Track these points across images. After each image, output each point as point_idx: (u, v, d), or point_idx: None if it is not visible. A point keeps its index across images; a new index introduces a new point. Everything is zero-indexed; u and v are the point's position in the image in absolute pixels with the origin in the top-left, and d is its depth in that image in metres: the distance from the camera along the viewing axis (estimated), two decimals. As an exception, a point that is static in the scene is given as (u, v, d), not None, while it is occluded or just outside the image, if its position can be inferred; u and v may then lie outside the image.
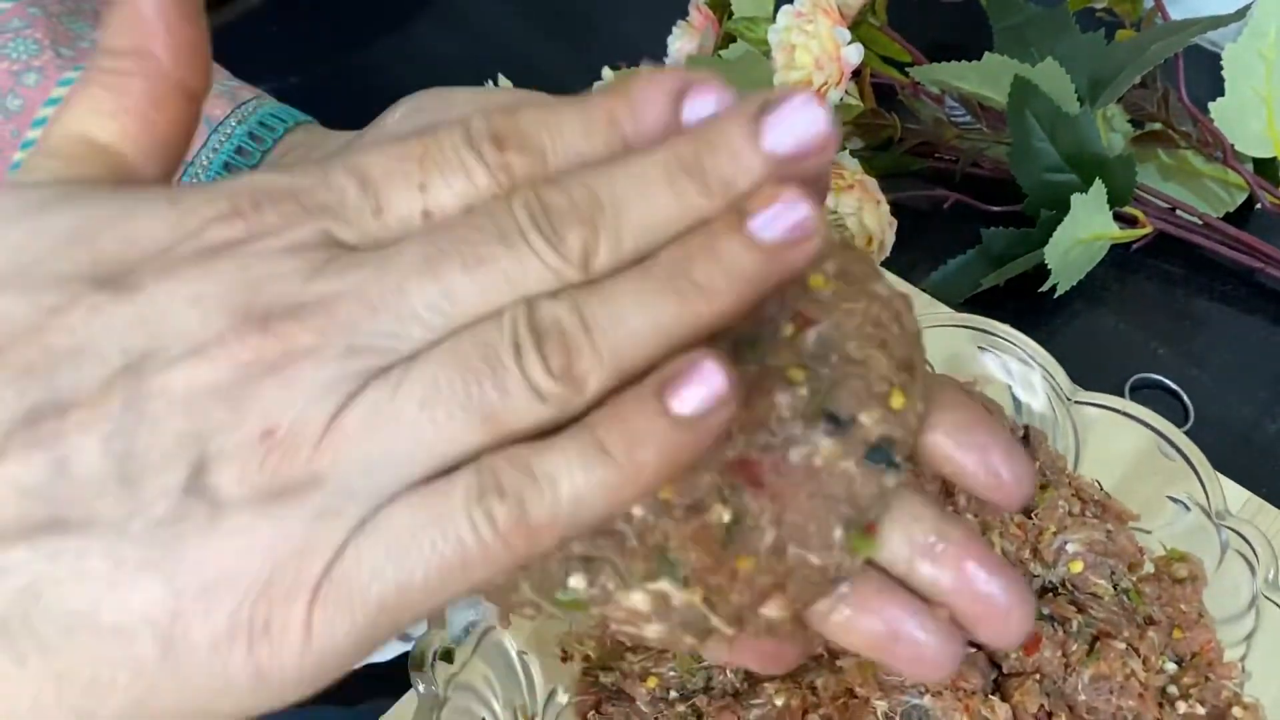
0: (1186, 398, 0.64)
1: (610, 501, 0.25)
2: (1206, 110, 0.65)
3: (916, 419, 0.31)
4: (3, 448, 0.23)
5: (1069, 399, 0.49)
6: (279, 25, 0.87)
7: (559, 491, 0.24)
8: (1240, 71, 0.64)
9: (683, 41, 0.77)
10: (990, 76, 0.68)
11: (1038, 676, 0.43)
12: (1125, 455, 0.49)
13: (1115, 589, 0.46)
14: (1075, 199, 0.63)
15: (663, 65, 0.77)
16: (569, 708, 0.47)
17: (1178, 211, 0.68)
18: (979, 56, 0.68)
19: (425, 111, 0.38)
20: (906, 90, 0.72)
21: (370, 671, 0.53)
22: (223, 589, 0.23)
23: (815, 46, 0.66)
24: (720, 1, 0.74)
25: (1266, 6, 0.63)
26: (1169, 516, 0.47)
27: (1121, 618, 0.45)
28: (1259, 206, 0.69)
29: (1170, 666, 0.44)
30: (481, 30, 0.86)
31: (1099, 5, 0.74)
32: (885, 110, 0.71)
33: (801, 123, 0.26)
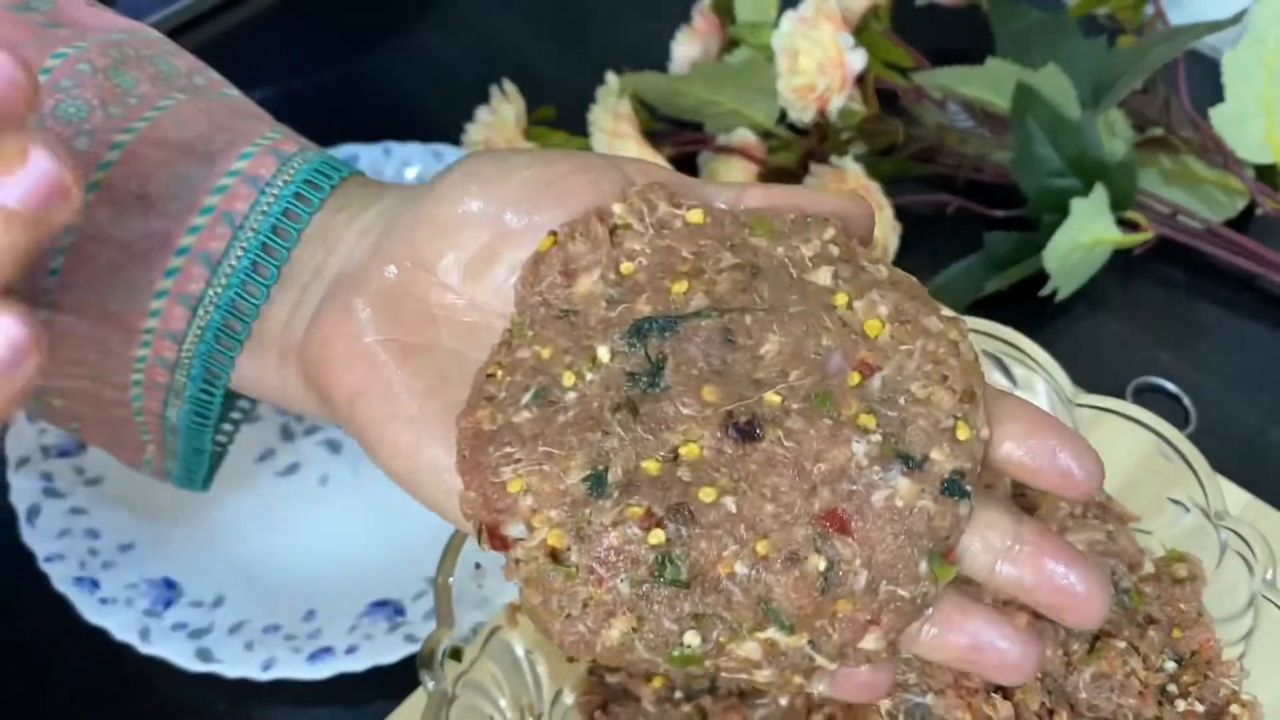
0: (1188, 402, 0.64)
1: None
2: (1207, 116, 0.65)
3: (981, 445, 0.34)
4: None
5: (1070, 401, 0.49)
6: (282, 31, 0.87)
7: None
8: (1240, 77, 0.64)
9: (686, 47, 0.77)
10: (993, 82, 0.68)
11: (1039, 675, 0.44)
12: (1128, 458, 0.49)
13: (1116, 589, 0.46)
14: (1075, 203, 0.63)
15: (665, 71, 0.77)
16: (575, 707, 0.48)
17: (1179, 217, 0.68)
18: (982, 62, 0.69)
19: (479, 176, 0.38)
20: (909, 95, 0.72)
21: (376, 673, 0.54)
22: None
23: (819, 52, 0.67)
24: (724, 7, 0.74)
25: (1266, 12, 0.63)
26: (1169, 518, 0.47)
27: (1122, 617, 0.45)
28: (1260, 212, 0.69)
29: (1170, 665, 0.44)
30: (484, 35, 0.86)
31: (1101, 11, 0.75)
32: (888, 115, 0.71)
33: None
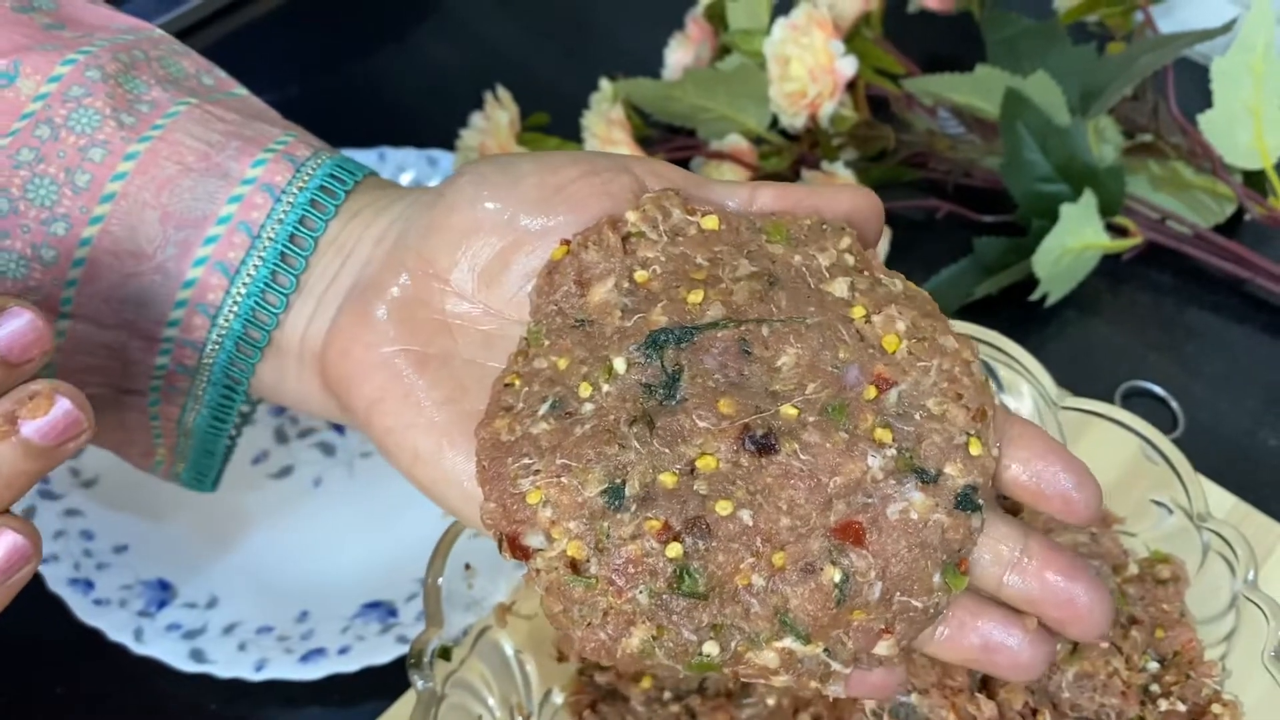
0: (1176, 406, 0.64)
1: None
2: (1196, 122, 0.66)
3: (993, 461, 0.35)
4: None
5: (1055, 404, 0.49)
6: (278, 37, 0.87)
7: None
8: (1229, 84, 0.64)
9: (679, 53, 0.78)
10: (983, 88, 0.68)
11: (1022, 675, 0.44)
12: (1112, 462, 0.49)
13: (1100, 590, 0.46)
14: (1064, 208, 0.64)
15: (659, 77, 0.78)
16: (564, 707, 0.48)
17: (1168, 222, 0.69)
18: (972, 69, 0.69)
19: (488, 182, 0.39)
20: (900, 102, 0.73)
21: (368, 674, 0.54)
22: None
23: (810, 58, 0.67)
24: (717, 14, 0.75)
25: (1254, 20, 0.64)
26: (1153, 520, 0.48)
27: (1105, 618, 0.46)
28: (1248, 217, 0.69)
29: (1153, 665, 0.45)
30: (478, 42, 0.87)
31: (1090, 19, 0.75)
32: (879, 121, 0.71)
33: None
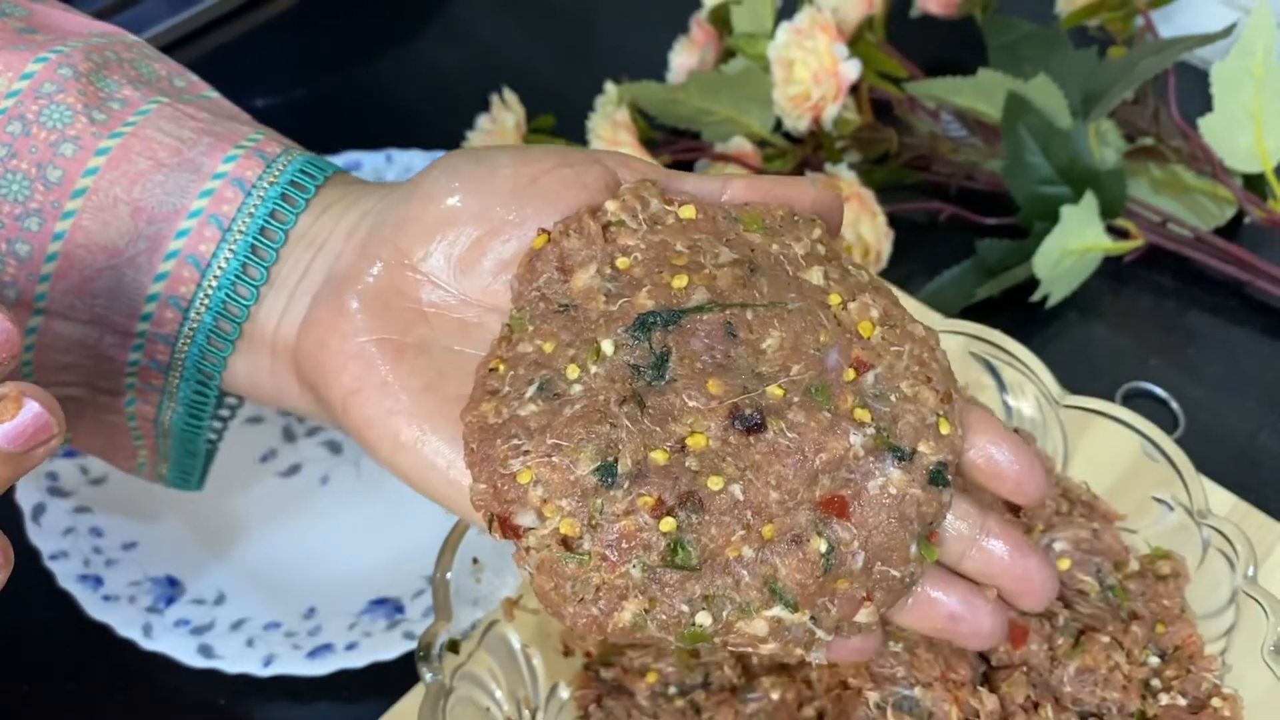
0: (1177, 407, 0.65)
1: None
2: (1196, 126, 0.66)
3: (960, 440, 0.38)
4: None
5: (1057, 403, 0.50)
6: (287, 40, 0.88)
7: None
8: (1229, 88, 0.65)
9: (683, 56, 0.78)
10: (985, 92, 0.69)
11: (1025, 668, 0.44)
12: (1114, 460, 0.50)
13: (1101, 585, 0.47)
14: (1065, 210, 0.64)
15: (664, 81, 0.78)
16: (570, 702, 0.48)
17: (1169, 225, 0.69)
18: (974, 72, 0.69)
19: (462, 174, 0.40)
20: (903, 105, 0.73)
21: (375, 670, 0.54)
22: None
23: (814, 62, 0.68)
24: (721, 17, 0.75)
25: (1254, 25, 0.64)
26: (1154, 517, 0.48)
27: (1106, 613, 0.46)
28: (1248, 220, 0.70)
29: (1153, 660, 0.45)
30: (485, 45, 0.87)
31: (1091, 23, 0.75)
32: (882, 124, 0.72)
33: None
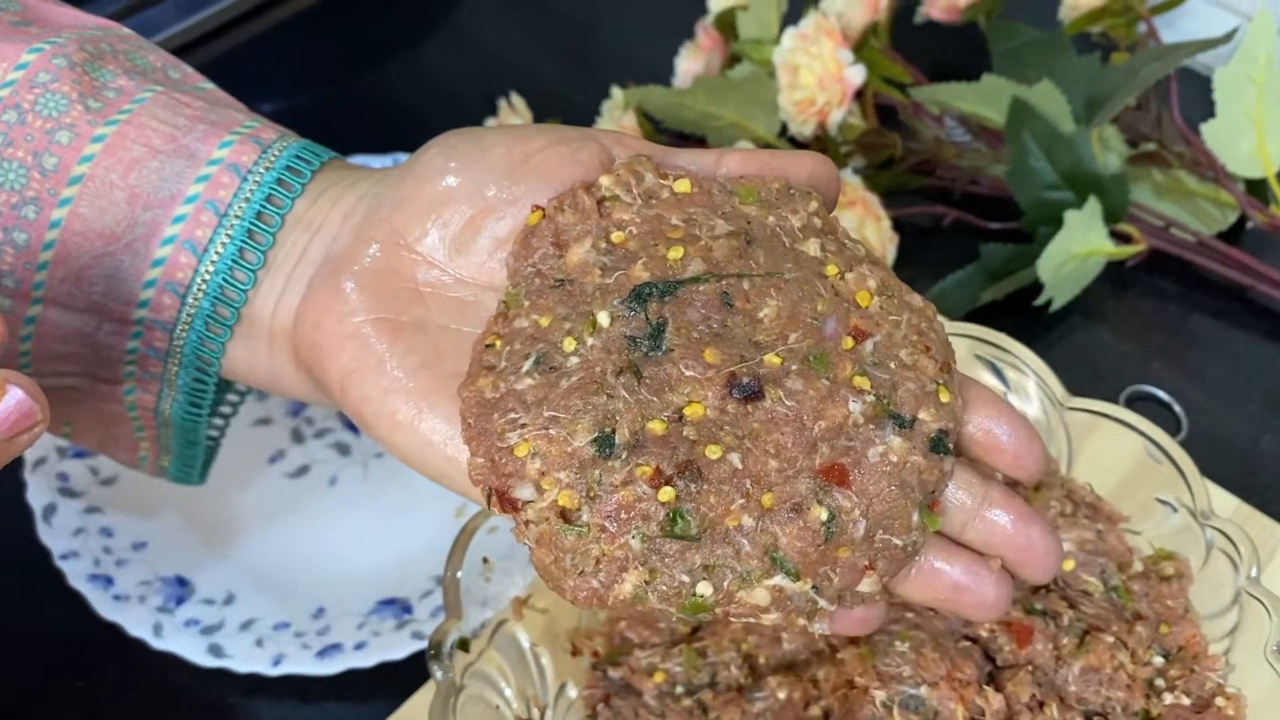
0: (1180, 410, 0.65)
1: None
2: (1199, 131, 0.67)
3: (961, 408, 0.37)
4: None
5: (1061, 405, 0.50)
6: (295, 45, 0.88)
7: None
8: (1231, 94, 0.65)
9: (689, 61, 0.79)
10: (989, 97, 0.69)
11: (1030, 668, 0.45)
12: (1118, 462, 0.50)
13: (1105, 586, 0.47)
14: (1068, 215, 0.64)
15: (670, 86, 0.79)
16: (579, 701, 0.49)
17: (1171, 229, 0.69)
18: (978, 78, 0.70)
19: (456, 153, 0.40)
20: (907, 110, 0.73)
21: (384, 669, 0.55)
22: None
23: (819, 67, 0.68)
24: (726, 23, 0.76)
25: (1256, 31, 0.65)
26: (1157, 518, 0.48)
27: (1111, 613, 0.46)
28: (1250, 225, 0.70)
29: (1157, 659, 0.45)
30: (492, 50, 0.87)
31: (1094, 29, 0.76)
32: (887, 129, 0.72)
33: None
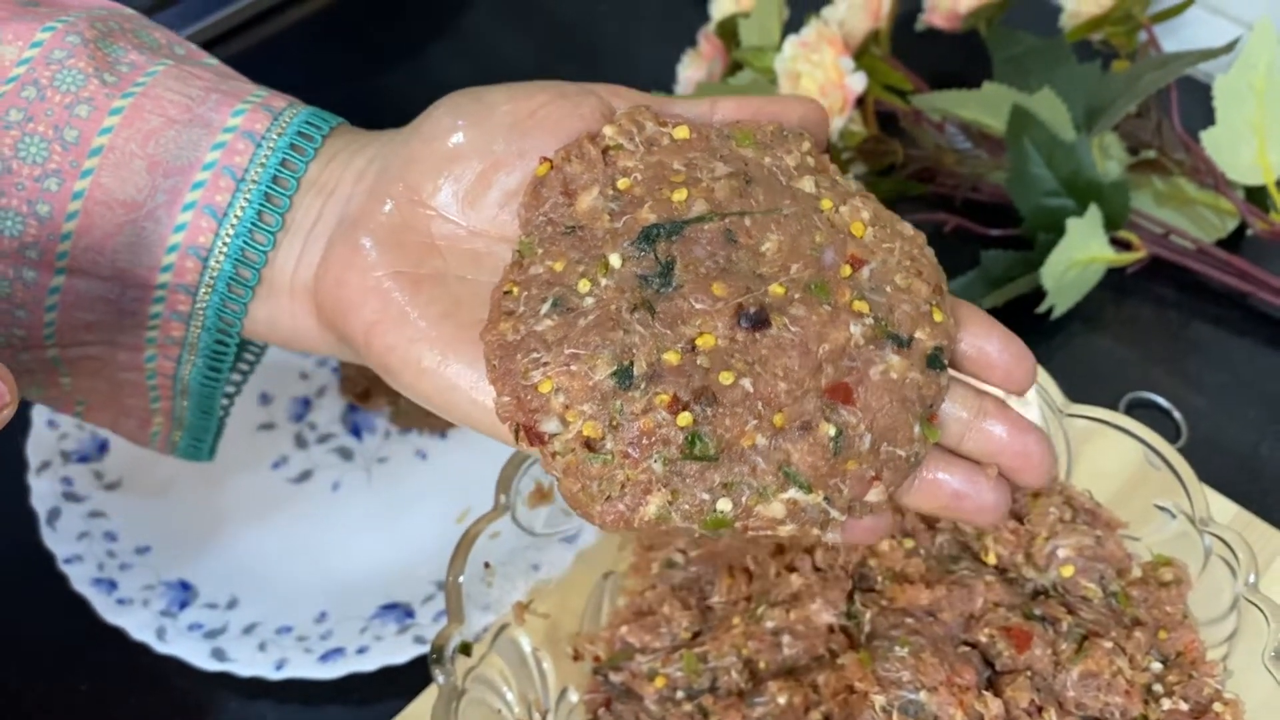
0: (1179, 417, 0.65)
1: None
2: (1199, 139, 0.67)
3: (954, 326, 0.40)
4: None
5: (1060, 412, 0.51)
6: (298, 50, 0.88)
7: None
8: (1231, 102, 0.66)
9: (691, 69, 0.79)
10: (990, 105, 0.69)
11: (1029, 673, 0.45)
12: (1118, 469, 0.50)
13: (1104, 592, 0.47)
14: (1070, 223, 0.65)
15: (671, 93, 0.79)
16: (580, 705, 0.49)
17: (1171, 236, 0.70)
18: (979, 85, 0.70)
19: (463, 112, 0.41)
20: (908, 117, 0.74)
21: (386, 673, 0.55)
22: None
23: (820, 75, 0.68)
24: (728, 30, 0.76)
25: (1256, 40, 0.65)
26: (1156, 524, 0.49)
27: (1109, 619, 0.46)
28: (1250, 233, 0.70)
29: (1156, 665, 0.45)
30: (494, 56, 0.88)
31: (1095, 37, 0.76)
32: (888, 136, 0.73)
33: None
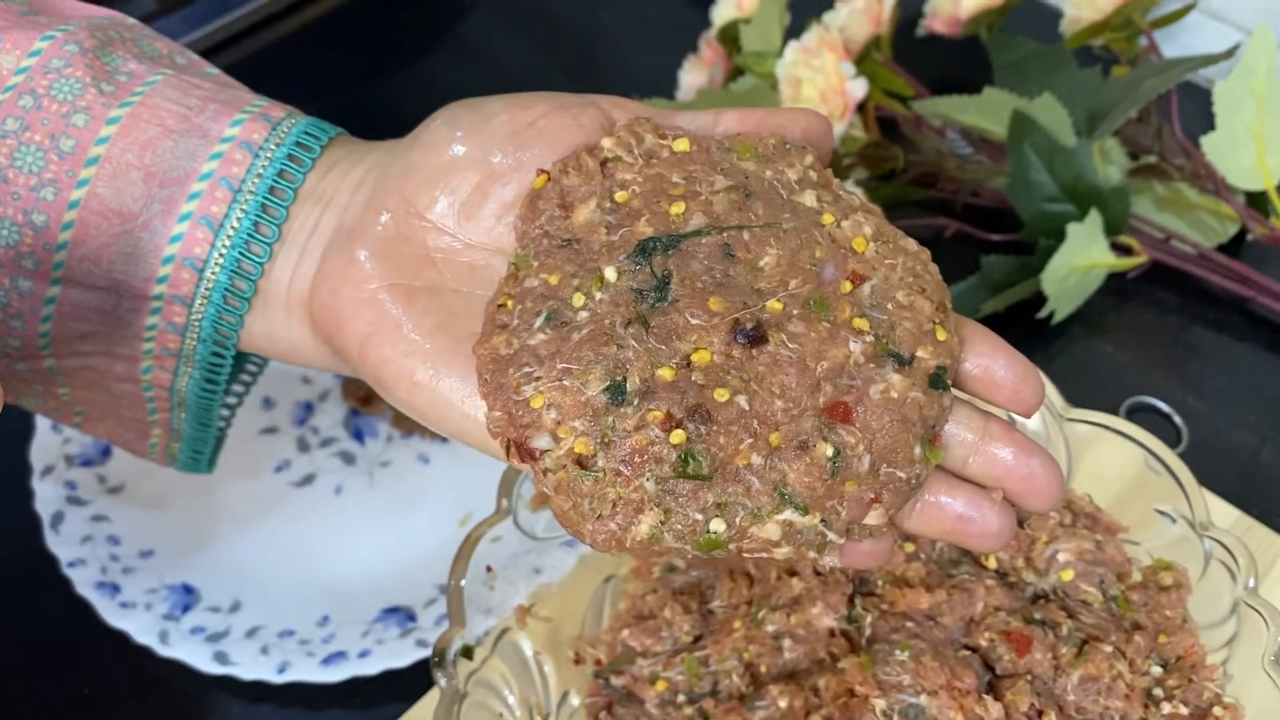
0: (1180, 421, 0.65)
1: None
2: (1199, 144, 0.67)
3: (958, 345, 0.39)
4: None
5: (1061, 416, 0.51)
6: (298, 57, 0.88)
7: None
8: (1231, 107, 0.66)
9: (692, 75, 0.79)
10: (990, 110, 0.69)
11: (1029, 677, 0.45)
12: (1118, 474, 0.51)
13: (1104, 596, 0.47)
14: (1071, 228, 0.65)
15: (673, 99, 0.79)
16: (581, 709, 0.49)
17: (1172, 241, 0.70)
18: (980, 91, 0.70)
19: (461, 123, 0.41)
20: (909, 123, 0.74)
21: (388, 677, 0.55)
22: None
23: (821, 80, 0.69)
24: (730, 36, 0.76)
25: (1256, 46, 0.65)
26: (1156, 529, 0.49)
27: (1109, 623, 0.47)
28: (1250, 237, 0.70)
29: (1155, 669, 0.45)
30: (495, 63, 0.88)
31: (1096, 43, 0.76)
32: (889, 142, 0.72)
33: None
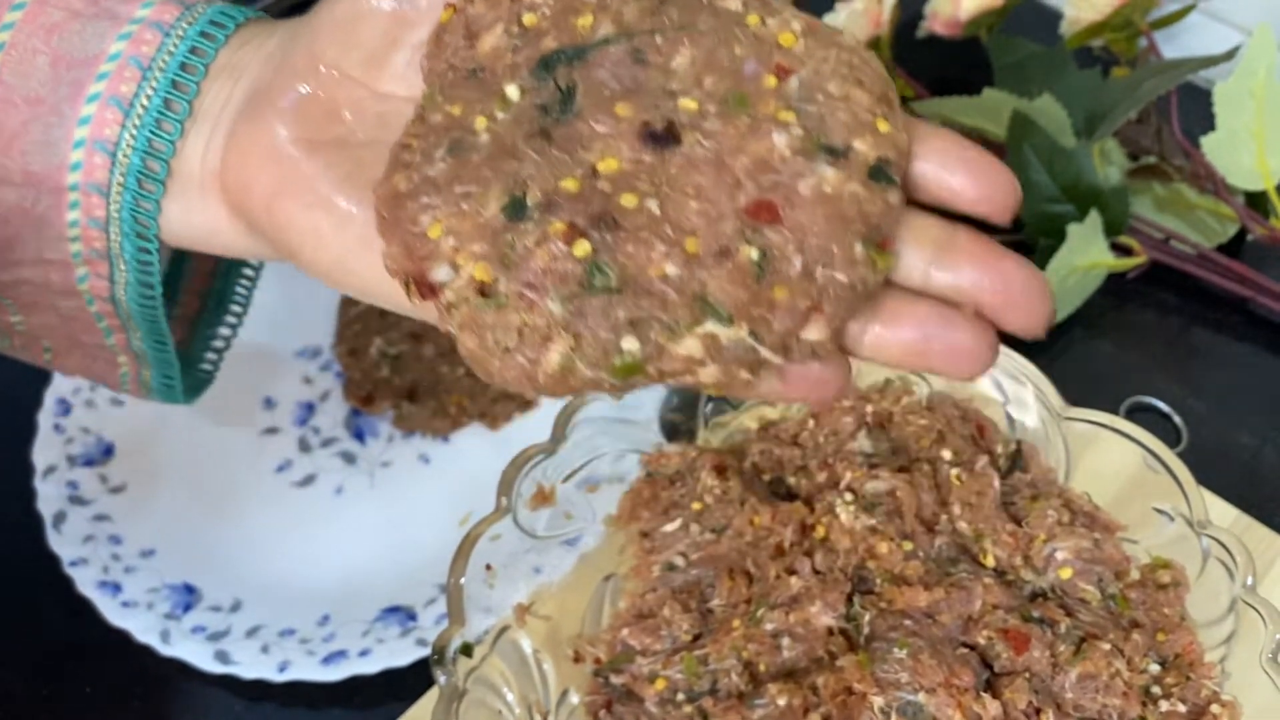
0: (1180, 421, 0.65)
1: None
2: (1199, 145, 0.67)
3: (904, 140, 0.34)
4: None
5: (1059, 415, 0.51)
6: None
7: None
8: (1231, 108, 0.66)
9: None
10: (990, 111, 0.70)
11: (1027, 675, 0.45)
12: (1117, 473, 0.51)
13: (1102, 594, 0.47)
14: (1070, 228, 0.65)
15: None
16: (580, 707, 0.49)
17: (1172, 242, 0.70)
18: (980, 92, 0.70)
19: None
20: (910, 124, 0.74)
21: (388, 676, 0.55)
22: None
23: (822, 81, 0.69)
24: (731, 37, 0.76)
25: (1256, 47, 0.65)
26: (1155, 527, 0.49)
27: (1108, 621, 0.47)
28: (1250, 238, 0.70)
29: (1154, 667, 0.45)
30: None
31: (1095, 44, 0.76)
32: (889, 143, 0.73)
33: None
